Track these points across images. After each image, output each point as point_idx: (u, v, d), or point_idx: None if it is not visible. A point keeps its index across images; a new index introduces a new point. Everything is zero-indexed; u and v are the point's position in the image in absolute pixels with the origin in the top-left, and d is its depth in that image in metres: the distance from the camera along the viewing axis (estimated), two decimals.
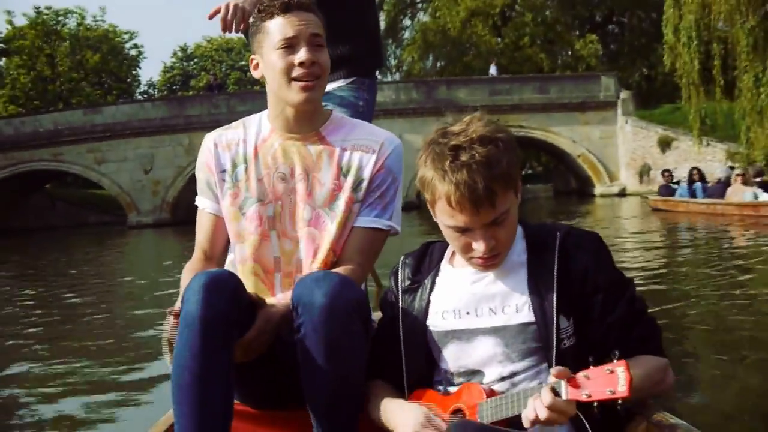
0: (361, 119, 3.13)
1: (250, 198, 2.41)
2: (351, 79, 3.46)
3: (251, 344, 2.13)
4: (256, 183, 2.41)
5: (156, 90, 69.07)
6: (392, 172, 2.41)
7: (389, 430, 2.05)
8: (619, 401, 1.62)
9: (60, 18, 54.39)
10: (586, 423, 1.80)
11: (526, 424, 1.72)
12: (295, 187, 2.39)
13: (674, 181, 20.93)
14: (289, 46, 2.27)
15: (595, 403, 1.64)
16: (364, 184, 2.38)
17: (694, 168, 19.37)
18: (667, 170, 22.53)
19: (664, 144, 30.07)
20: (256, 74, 2.40)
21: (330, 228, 2.36)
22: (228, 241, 2.48)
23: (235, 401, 2.28)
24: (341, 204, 2.36)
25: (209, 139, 2.48)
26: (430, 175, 1.93)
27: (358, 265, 2.33)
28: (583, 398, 1.65)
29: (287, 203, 2.40)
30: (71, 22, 55.01)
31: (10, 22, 52.17)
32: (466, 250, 1.98)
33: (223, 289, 2.02)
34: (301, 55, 2.26)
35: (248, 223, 2.41)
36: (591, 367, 1.67)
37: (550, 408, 1.65)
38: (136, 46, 59.80)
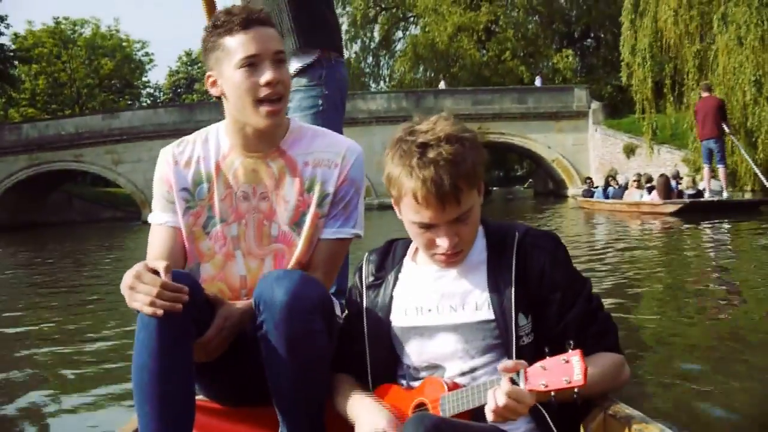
0: (323, 117, 3.29)
1: (213, 218, 2.34)
2: (304, 77, 3.43)
3: (211, 342, 2.13)
4: (218, 202, 2.33)
5: (161, 93, 71.52)
6: (355, 182, 2.36)
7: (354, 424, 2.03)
8: (575, 390, 1.62)
9: (76, 27, 57.50)
10: (545, 413, 1.86)
11: (488, 414, 1.72)
12: (258, 205, 2.34)
13: (594, 186, 25.26)
14: (252, 64, 2.17)
15: (553, 393, 1.66)
16: (329, 199, 2.33)
17: (639, 174, 22.52)
18: (589, 178, 28.19)
19: (629, 151, 32.54)
20: (213, 92, 2.28)
21: (297, 244, 2.33)
22: (185, 258, 2.37)
23: (202, 398, 2.32)
24: (308, 220, 2.32)
25: (168, 153, 2.37)
26: (397, 171, 1.91)
27: (324, 274, 2.30)
28: (541, 387, 1.66)
29: (251, 222, 2.34)
30: (87, 31, 57.99)
31: (30, 32, 54.91)
32: (430, 246, 1.97)
33: None
34: (267, 75, 2.16)
35: (212, 242, 2.35)
36: (547, 357, 1.68)
37: (509, 395, 1.67)
38: (147, 54, 62.75)
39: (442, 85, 41.26)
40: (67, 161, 37.22)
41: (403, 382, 2.12)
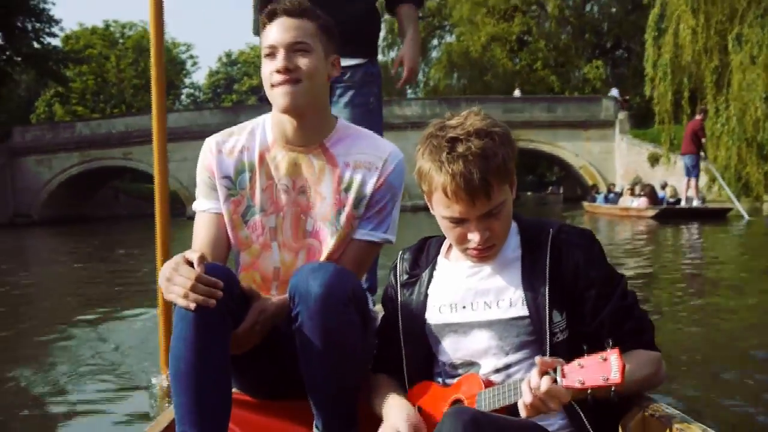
0: (372, 116, 3.30)
1: (253, 207, 2.36)
2: (358, 72, 3.44)
3: (245, 335, 2.13)
4: (259, 193, 2.35)
5: (201, 93, 73.60)
6: (393, 188, 2.36)
7: None
8: (613, 389, 1.61)
9: (125, 30, 60.02)
10: (579, 411, 1.85)
11: (522, 410, 1.72)
12: (297, 199, 2.35)
13: (598, 192, 27.95)
14: (270, 54, 2.24)
15: (589, 391, 1.65)
16: (365, 201, 2.34)
17: (636, 183, 25.33)
18: (594, 185, 31.25)
19: (653, 160, 33.19)
20: None
21: (329, 242, 2.34)
22: (229, 245, 2.40)
23: (236, 391, 2.35)
24: (343, 219, 2.34)
25: (212, 142, 2.40)
26: (428, 166, 1.91)
27: (348, 271, 2.22)
28: (577, 385, 1.65)
29: (288, 215, 2.36)
30: (134, 34, 60.20)
31: (82, 33, 57.44)
32: (462, 241, 1.98)
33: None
34: (277, 62, 2.22)
35: (250, 231, 2.37)
36: (585, 355, 1.67)
37: (546, 392, 1.66)
38: (191, 56, 65.73)
39: (516, 93, 42.11)
40: (117, 158, 38.98)
41: (439, 380, 2.11)
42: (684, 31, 24.02)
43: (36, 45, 42.26)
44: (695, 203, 19.68)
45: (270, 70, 2.25)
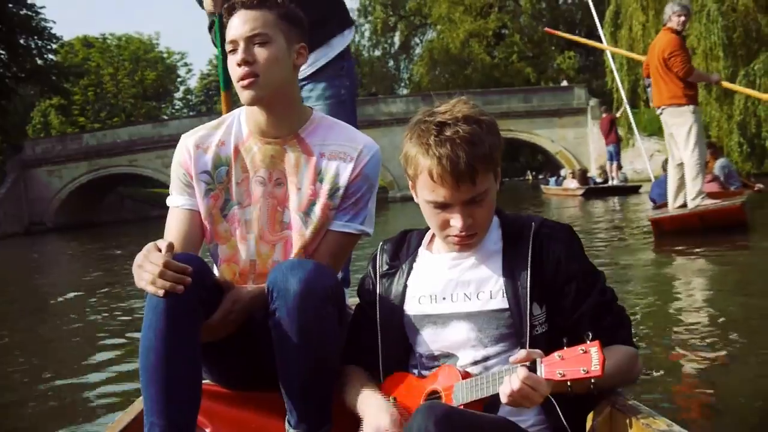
0: (343, 108, 3.31)
1: (230, 201, 2.34)
2: (326, 66, 3.36)
3: (218, 324, 2.11)
4: (235, 186, 2.33)
5: (194, 96, 74.76)
6: (369, 179, 2.34)
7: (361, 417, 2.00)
8: (592, 381, 1.61)
9: (121, 42, 62.21)
10: (555, 404, 1.82)
11: (503, 397, 1.69)
12: (273, 191, 2.33)
13: (550, 176, 32.21)
14: (233, 49, 2.22)
15: (569, 383, 1.64)
16: (340, 192, 2.31)
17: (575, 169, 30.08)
18: (547, 172, 34.92)
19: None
20: None
21: (305, 233, 2.31)
22: (201, 241, 2.38)
23: (208, 381, 2.33)
24: (317, 210, 2.31)
25: (188, 140, 2.36)
26: (414, 150, 1.90)
27: (327, 266, 2.19)
28: (557, 377, 1.64)
29: (264, 207, 2.34)
30: (131, 46, 62.53)
31: (83, 47, 59.64)
32: (444, 227, 1.95)
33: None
34: (237, 56, 2.20)
35: (229, 224, 2.35)
36: (564, 348, 1.66)
37: (525, 381, 1.65)
38: (186, 64, 67.72)
39: (564, 83, 44.38)
40: (123, 166, 41.13)
41: (415, 371, 2.08)
42: (636, 26, 26.70)
43: (39, 61, 44.40)
44: (616, 182, 23.69)
45: (233, 65, 2.23)
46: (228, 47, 2.25)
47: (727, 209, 9.19)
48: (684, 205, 9.24)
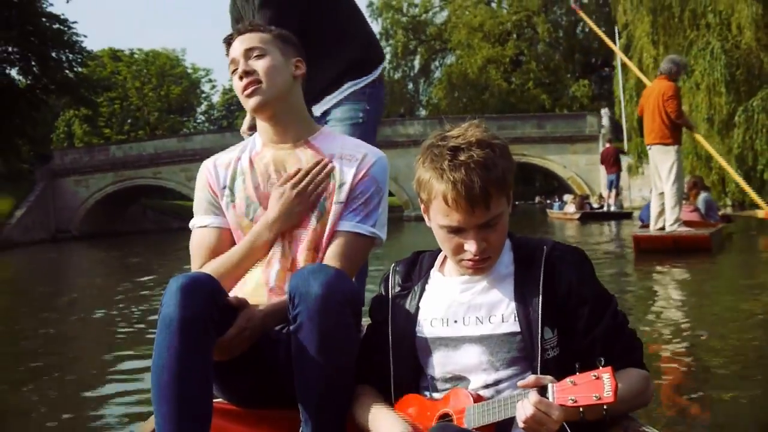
0: (360, 130, 3.32)
1: (253, 203, 2.40)
2: (349, 92, 3.39)
3: (231, 342, 2.11)
4: (253, 191, 2.40)
5: (215, 111, 75.86)
6: (377, 182, 2.38)
7: None
8: (605, 407, 1.60)
9: (149, 57, 63.76)
10: (567, 429, 1.75)
11: (520, 424, 1.69)
12: None
13: (555, 201, 33.69)
14: (235, 69, 2.35)
15: (581, 409, 1.63)
16: (346, 187, 2.35)
17: (576, 195, 31.68)
18: (551, 196, 36.58)
19: (630, 170, 35.50)
20: None
21: (315, 226, 2.36)
22: None
23: (220, 399, 2.32)
24: (326, 204, 2.37)
25: (209, 162, 2.48)
26: (428, 175, 1.89)
27: (341, 269, 2.17)
28: (569, 403, 1.63)
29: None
30: (158, 61, 64.16)
31: (110, 60, 61.13)
32: (457, 251, 1.94)
33: (200, 291, 2.00)
34: (238, 71, 2.33)
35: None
36: (577, 373, 1.65)
37: (538, 406, 1.65)
38: (210, 80, 70.28)
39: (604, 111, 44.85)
40: (147, 177, 42.26)
41: (426, 393, 2.06)
42: (646, 59, 27.51)
43: (69, 74, 45.70)
44: (612, 209, 25.39)
45: (236, 83, 2.35)
46: (230, 69, 2.40)
47: (696, 237, 10.85)
48: (663, 229, 10.77)
